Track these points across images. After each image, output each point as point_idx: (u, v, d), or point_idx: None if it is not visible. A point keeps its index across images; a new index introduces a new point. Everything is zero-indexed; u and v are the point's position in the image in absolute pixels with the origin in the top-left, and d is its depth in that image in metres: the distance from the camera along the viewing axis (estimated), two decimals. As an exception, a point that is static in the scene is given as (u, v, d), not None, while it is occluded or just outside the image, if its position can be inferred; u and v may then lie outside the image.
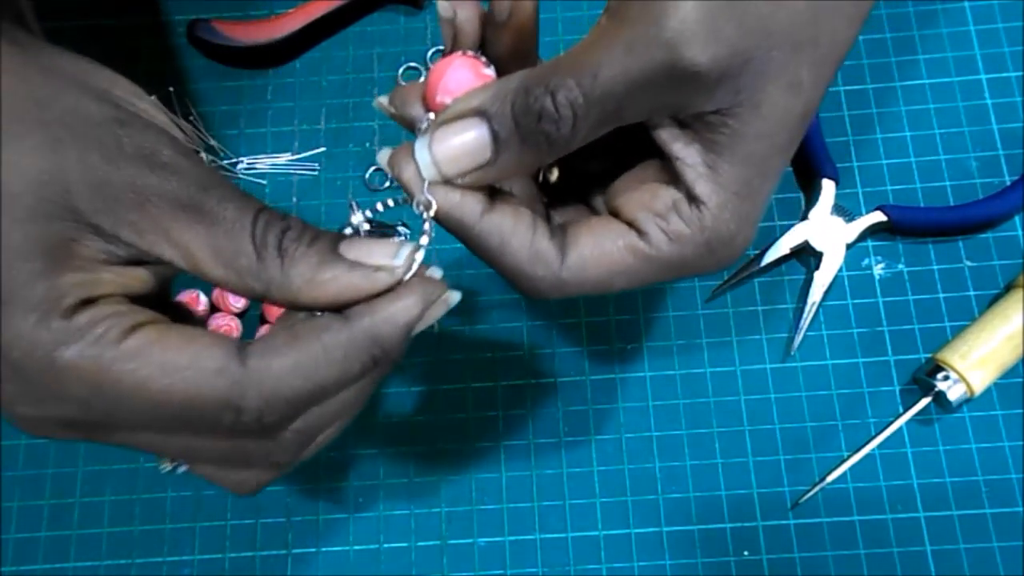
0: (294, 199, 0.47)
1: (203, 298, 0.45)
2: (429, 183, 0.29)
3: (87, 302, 0.25)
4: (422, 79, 0.31)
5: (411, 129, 0.31)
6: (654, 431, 0.43)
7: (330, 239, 0.28)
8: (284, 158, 0.48)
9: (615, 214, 0.31)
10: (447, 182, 0.29)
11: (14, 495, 0.43)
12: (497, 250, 0.30)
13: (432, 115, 0.30)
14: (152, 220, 0.26)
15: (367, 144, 0.48)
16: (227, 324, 0.44)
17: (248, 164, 0.47)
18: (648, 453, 0.42)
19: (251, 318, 0.45)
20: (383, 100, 0.31)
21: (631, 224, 0.30)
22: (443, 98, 0.30)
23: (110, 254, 0.26)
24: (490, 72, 0.30)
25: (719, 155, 0.29)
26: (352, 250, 0.28)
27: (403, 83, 0.31)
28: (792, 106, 0.29)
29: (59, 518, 0.42)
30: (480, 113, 0.28)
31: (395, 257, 0.28)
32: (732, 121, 0.28)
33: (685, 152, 0.29)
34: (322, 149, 0.48)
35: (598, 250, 0.30)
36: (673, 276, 0.31)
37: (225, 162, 0.47)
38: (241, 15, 0.50)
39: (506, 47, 0.31)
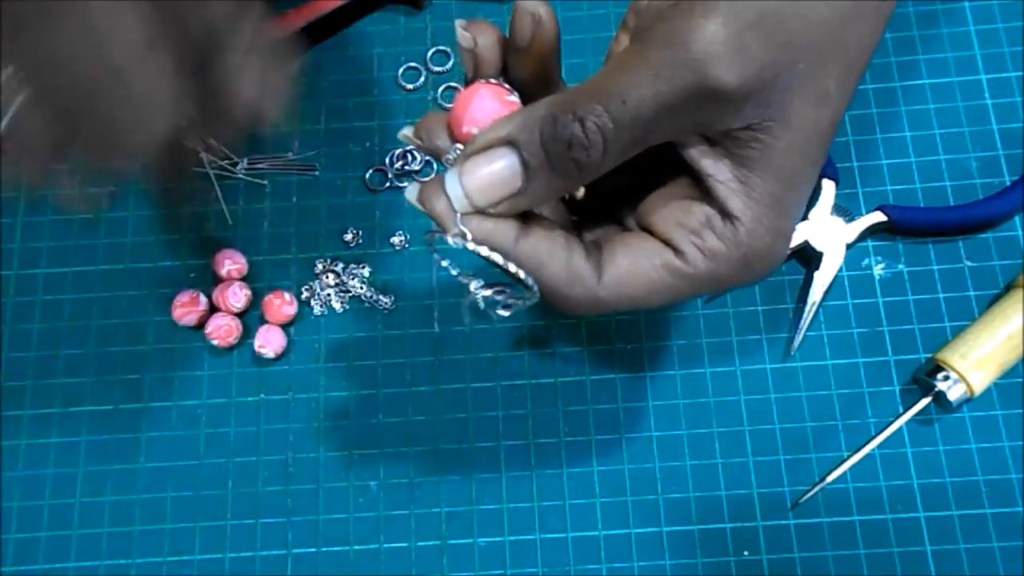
0: (294, 199, 0.47)
1: (203, 298, 0.45)
2: (461, 215, 0.29)
3: None
4: (449, 105, 0.31)
5: (438, 158, 0.31)
6: (654, 431, 0.43)
7: None
8: (284, 158, 0.48)
9: (648, 231, 0.31)
10: (479, 212, 0.29)
11: (14, 495, 0.43)
12: (535, 273, 0.30)
13: (460, 146, 0.30)
14: None
15: (367, 144, 0.48)
16: (227, 324, 0.44)
17: (248, 164, 0.47)
18: (648, 453, 0.42)
19: (251, 318, 0.45)
20: (408, 132, 0.32)
21: (666, 242, 0.30)
22: (470, 128, 0.30)
23: None
24: (515, 99, 0.30)
25: (751, 170, 0.29)
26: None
27: (426, 113, 0.31)
28: (821, 117, 0.29)
29: (59, 518, 0.42)
30: (509, 143, 0.28)
31: None
32: (762, 135, 0.28)
33: (716, 169, 0.29)
34: (322, 149, 0.48)
35: (634, 268, 0.30)
36: (709, 291, 0.32)
37: (225, 162, 0.47)
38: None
39: (529, 72, 0.31)
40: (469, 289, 0.31)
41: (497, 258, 0.30)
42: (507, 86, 0.31)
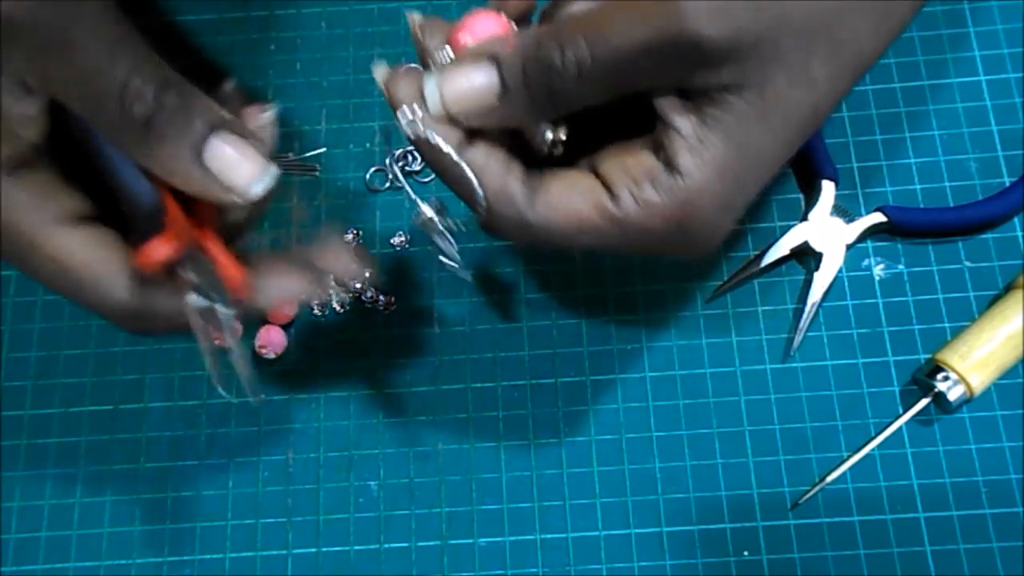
0: (294, 199, 0.47)
1: (203, 298, 0.45)
2: (426, 115, 0.30)
3: None
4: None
5: (423, 58, 0.32)
6: (654, 431, 0.43)
7: (201, 130, 0.29)
8: (285, 159, 0.48)
9: (595, 175, 0.31)
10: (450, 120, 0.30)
11: (14, 495, 0.43)
12: (467, 182, 0.31)
13: (451, 53, 0.31)
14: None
15: (367, 145, 0.48)
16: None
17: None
18: (648, 453, 0.42)
19: (251, 317, 0.45)
20: (416, 16, 0.32)
21: (605, 184, 0.30)
22: (466, 38, 0.31)
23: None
24: (515, 29, 0.31)
25: (712, 131, 0.29)
26: (216, 157, 0.29)
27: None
28: (800, 100, 0.29)
29: (59, 518, 0.42)
30: (493, 59, 0.29)
31: (253, 184, 0.30)
32: (733, 99, 0.28)
33: (679, 122, 0.29)
34: (322, 150, 0.48)
35: (566, 200, 0.30)
36: (640, 248, 0.31)
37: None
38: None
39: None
40: (419, 209, 0.32)
41: (441, 149, 0.30)
42: (513, 23, 0.32)
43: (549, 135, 0.32)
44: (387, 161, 0.46)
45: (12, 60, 0.27)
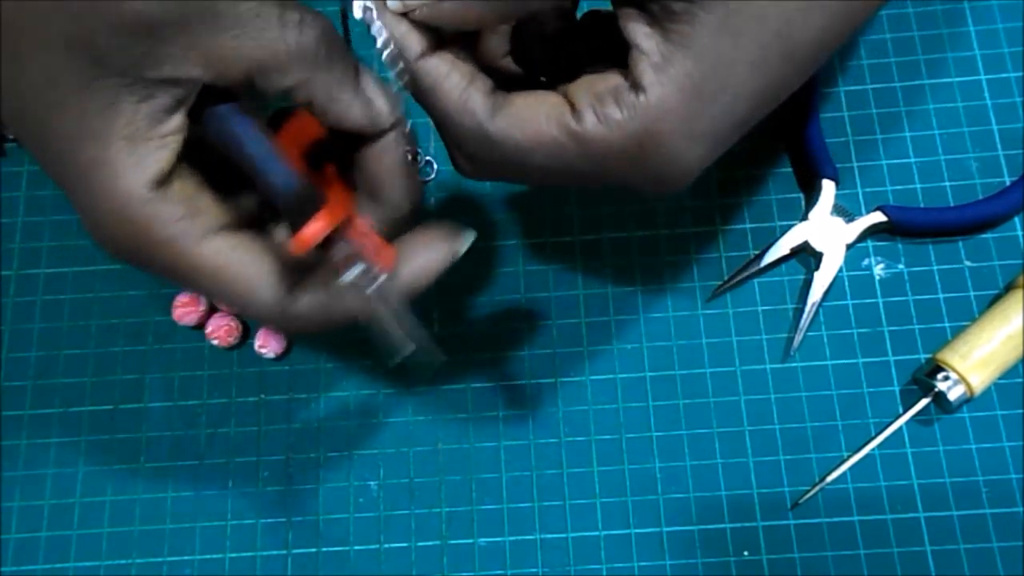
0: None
1: (203, 298, 0.45)
2: (388, 13, 0.30)
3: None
4: None
5: None
6: (654, 431, 0.43)
7: (353, 62, 0.30)
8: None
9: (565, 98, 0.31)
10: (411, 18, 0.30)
11: (14, 495, 0.43)
12: (429, 91, 0.30)
13: None
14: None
15: (367, 144, 0.48)
16: (227, 324, 0.44)
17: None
18: (648, 453, 0.42)
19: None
20: None
21: (571, 103, 0.30)
22: None
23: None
24: None
25: (676, 47, 0.28)
26: (367, 84, 0.31)
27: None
28: (766, 13, 0.28)
29: (59, 518, 0.42)
30: None
31: (395, 108, 0.31)
32: (696, 10, 0.27)
33: (644, 41, 0.28)
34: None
35: (528, 114, 0.30)
36: (599, 169, 0.30)
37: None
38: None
39: None
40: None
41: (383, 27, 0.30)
42: None
43: None
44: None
45: (169, 58, 0.27)
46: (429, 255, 0.32)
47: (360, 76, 0.31)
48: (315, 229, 0.30)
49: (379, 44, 0.31)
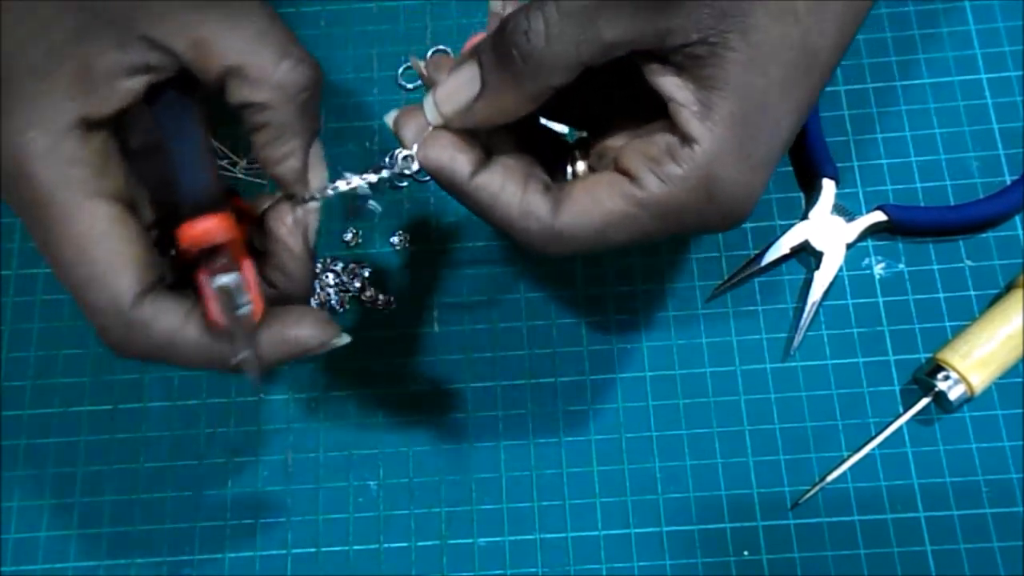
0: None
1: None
2: (427, 136, 0.31)
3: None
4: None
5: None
6: (654, 431, 0.43)
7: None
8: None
9: (616, 170, 0.31)
10: (446, 127, 0.31)
11: (14, 495, 0.43)
12: (488, 205, 0.31)
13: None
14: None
15: (367, 144, 0.48)
16: (227, 324, 0.44)
17: (248, 164, 0.47)
18: (648, 453, 0.42)
19: (251, 318, 0.45)
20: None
21: (625, 173, 0.30)
22: None
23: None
24: None
25: (711, 90, 0.28)
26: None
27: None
28: (786, 35, 0.28)
29: (59, 518, 0.42)
30: (474, 53, 0.30)
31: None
32: (721, 50, 0.28)
33: (680, 93, 0.29)
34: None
35: (591, 199, 0.30)
36: (674, 225, 0.30)
37: (225, 162, 0.47)
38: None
39: None
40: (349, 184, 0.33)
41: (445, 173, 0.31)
42: None
43: (570, 168, 0.33)
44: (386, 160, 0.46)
45: (165, 22, 0.28)
46: (299, 330, 0.32)
47: (314, 141, 0.32)
48: (208, 225, 0.30)
49: (403, 154, 0.32)
